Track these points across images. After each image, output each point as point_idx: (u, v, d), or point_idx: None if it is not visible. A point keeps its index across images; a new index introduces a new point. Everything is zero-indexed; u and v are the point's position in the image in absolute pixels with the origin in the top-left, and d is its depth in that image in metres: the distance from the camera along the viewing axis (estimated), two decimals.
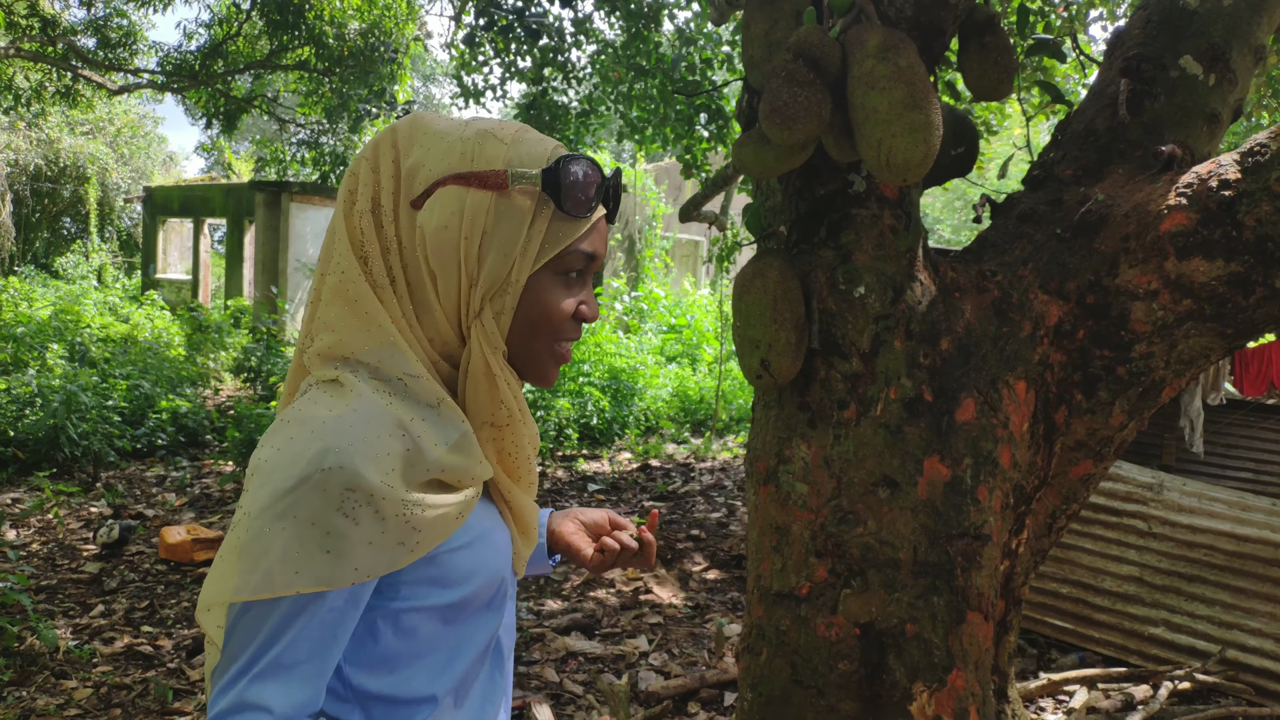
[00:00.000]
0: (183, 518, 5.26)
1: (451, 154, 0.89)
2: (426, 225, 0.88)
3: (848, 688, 2.22)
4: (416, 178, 0.89)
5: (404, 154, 0.90)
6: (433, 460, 0.84)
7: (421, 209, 0.88)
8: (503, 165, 0.88)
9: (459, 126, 0.92)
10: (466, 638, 0.93)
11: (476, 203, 0.88)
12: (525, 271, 0.89)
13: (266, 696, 0.79)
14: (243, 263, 15.44)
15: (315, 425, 0.81)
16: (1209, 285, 2.15)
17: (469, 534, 0.90)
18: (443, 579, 0.88)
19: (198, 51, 11.82)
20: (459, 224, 0.87)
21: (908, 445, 2.21)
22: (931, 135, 1.93)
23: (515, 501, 0.98)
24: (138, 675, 3.27)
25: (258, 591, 0.78)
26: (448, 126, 0.92)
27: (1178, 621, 3.72)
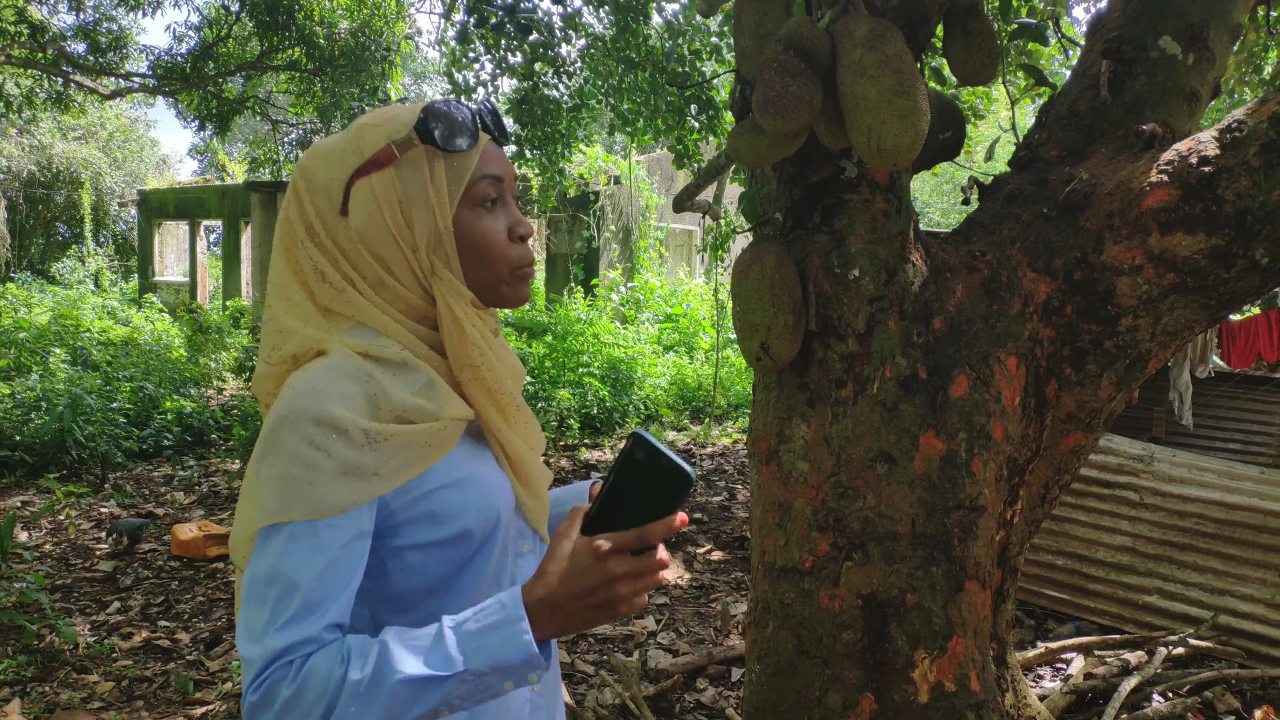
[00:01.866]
0: (192, 515, 5.33)
1: (347, 157, 1.00)
2: (356, 222, 0.99)
3: (852, 656, 2.30)
4: (331, 191, 1.00)
5: (310, 179, 1.01)
6: (397, 401, 0.94)
7: (349, 213, 0.99)
8: (385, 141, 1.00)
9: (342, 135, 1.04)
10: (472, 574, 1.00)
11: (382, 182, 0.99)
12: (448, 215, 1.00)
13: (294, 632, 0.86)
14: (240, 263, 15.48)
15: (292, 384, 0.94)
16: (1191, 259, 2.23)
17: (456, 473, 0.98)
18: (434, 515, 0.96)
19: (188, 54, 11.83)
20: (379, 206, 0.99)
21: (904, 422, 2.29)
22: (920, 121, 2.00)
23: (510, 445, 1.05)
24: (157, 668, 3.34)
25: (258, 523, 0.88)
26: (335, 139, 1.03)
27: (1171, 589, 3.81)
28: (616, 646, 3.44)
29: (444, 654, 0.85)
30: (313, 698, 0.84)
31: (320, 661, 0.85)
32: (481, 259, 1.03)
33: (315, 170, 1.01)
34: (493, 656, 0.85)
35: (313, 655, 0.85)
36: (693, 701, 3.08)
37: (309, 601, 0.86)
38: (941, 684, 2.25)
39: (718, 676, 3.26)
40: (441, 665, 0.84)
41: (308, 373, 0.94)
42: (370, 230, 0.99)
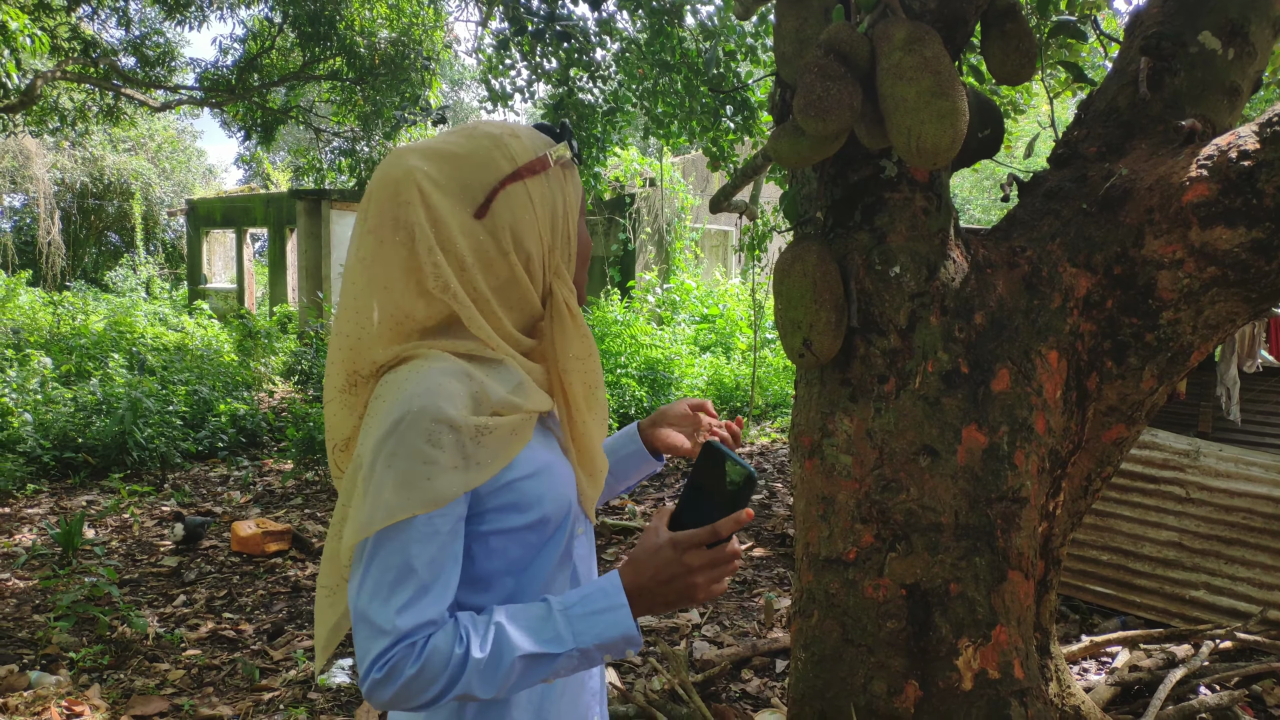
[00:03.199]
0: (249, 513, 5.50)
1: (491, 163, 1.05)
2: (499, 224, 1.04)
3: (896, 645, 2.36)
4: (473, 194, 1.03)
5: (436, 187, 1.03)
6: (495, 399, 1.01)
7: (486, 216, 1.04)
8: (539, 151, 1.08)
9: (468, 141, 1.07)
10: (546, 556, 1.09)
11: (538, 187, 1.07)
12: (575, 222, 1.11)
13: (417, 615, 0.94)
14: (286, 270, 15.80)
15: (399, 386, 0.98)
16: (1232, 252, 2.25)
17: (535, 464, 1.06)
18: (518, 504, 1.05)
19: (234, 66, 12.13)
20: (531, 209, 1.06)
21: (946, 415, 2.34)
22: (958, 121, 2.06)
23: (584, 435, 1.14)
24: (224, 657, 3.49)
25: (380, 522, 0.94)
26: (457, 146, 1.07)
27: (1218, 584, 3.80)
28: (662, 638, 3.52)
29: (555, 633, 0.96)
30: (434, 673, 0.93)
31: (440, 641, 0.94)
32: (583, 262, 1.15)
33: (447, 175, 1.04)
34: (599, 636, 0.97)
35: (433, 636, 0.94)
36: (738, 691, 3.15)
37: (425, 585, 0.95)
38: (985, 671, 2.30)
39: (762, 668, 3.32)
40: (553, 644, 0.96)
41: (418, 375, 0.98)
42: (515, 232, 1.05)
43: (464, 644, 0.95)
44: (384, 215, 1.02)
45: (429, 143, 1.07)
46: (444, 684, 0.94)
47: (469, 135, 1.08)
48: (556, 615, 0.97)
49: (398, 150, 1.07)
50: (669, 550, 0.99)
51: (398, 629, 0.93)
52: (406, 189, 1.02)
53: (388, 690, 0.93)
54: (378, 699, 0.95)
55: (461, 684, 0.94)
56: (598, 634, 0.97)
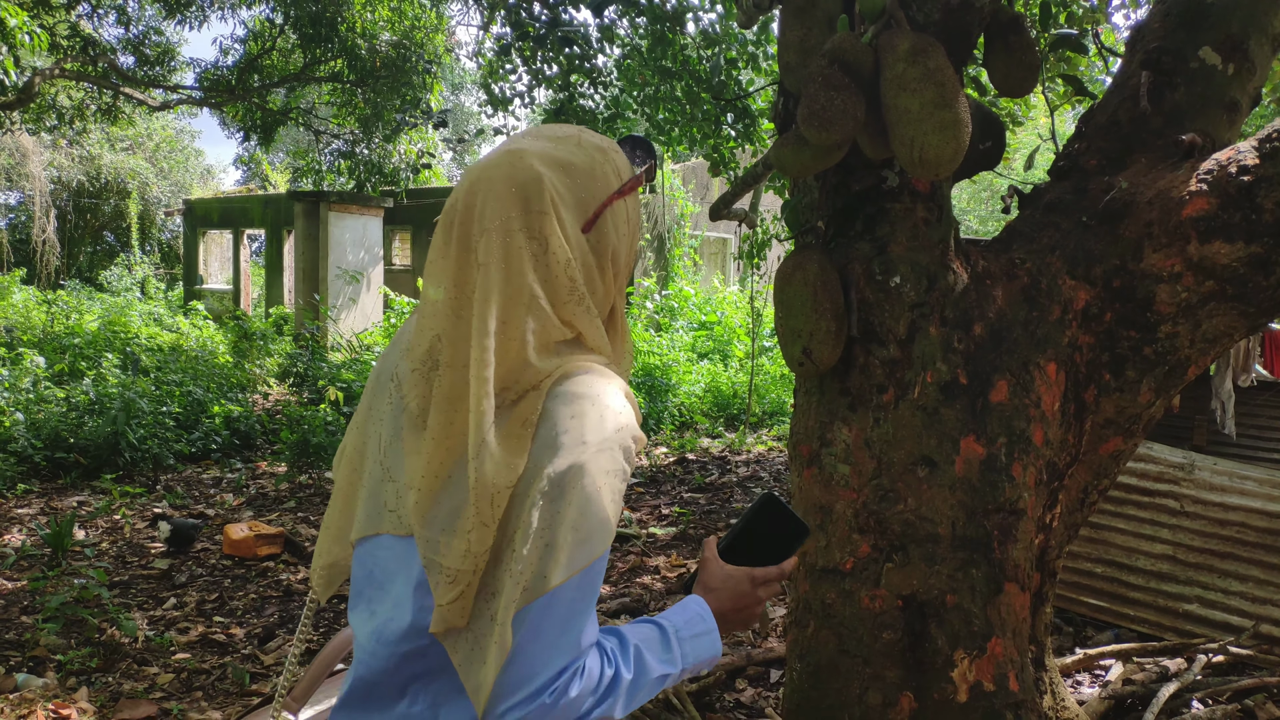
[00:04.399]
0: (242, 516, 5.48)
1: (605, 179, 1.04)
2: (602, 243, 1.04)
3: (892, 656, 2.35)
4: (587, 207, 1.02)
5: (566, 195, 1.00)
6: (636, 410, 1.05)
7: (591, 231, 1.03)
8: (629, 170, 1.08)
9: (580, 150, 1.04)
10: None
11: (633, 206, 1.10)
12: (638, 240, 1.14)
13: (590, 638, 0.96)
14: (283, 271, 15.79)
15: (596, 400, 0.95)
16: (1230, 267, 2.26)
17: None
18: None
19: (234, 67, 12.12)
20: (627, 225, 1.08)
21: (944, 426, 2.34)
22: (961, 132, 2.06)
23: None
24: (214, 661, 3.46)
25: (601, 547, 0.94)
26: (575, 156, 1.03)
27: (1211, 598, 3.80)
28: None
29: (672, 655, 1.05)
30: (586, 694, 0.94)
31: (593, 663, 0.96)
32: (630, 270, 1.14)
33: (569, 186, 1.01)
34: (699, 657, 1.08)
35: (589, 658, 0.96)
36: (732, 700, 3.14)
37: (592, 607, 0.96)
38: (980, 683, 2.29)
39: (756, 677, 3.31)
40: (671, 664, 1.05)
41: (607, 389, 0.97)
42: (617, 246, 1.05)
43: (613, 665, 0.98)
44: (510, 219, 0.96)
45: (546, 148, 1.02)
46: (595, 704, 0.96)
47: (580, 145, 1.05)
48: (673, 639, 1.06)
49: (516, 150, 1.01)
50: (747, 584, 1.12)
51: (578, 647, 0.94)
52: (538, 196, 0.98)
53: (549, 714, 0.91)
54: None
55: (608, 704, 0.97)
56: (699, 655, 1.08)
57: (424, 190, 15.08)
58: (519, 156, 0.99)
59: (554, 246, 0.97)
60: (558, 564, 0.91)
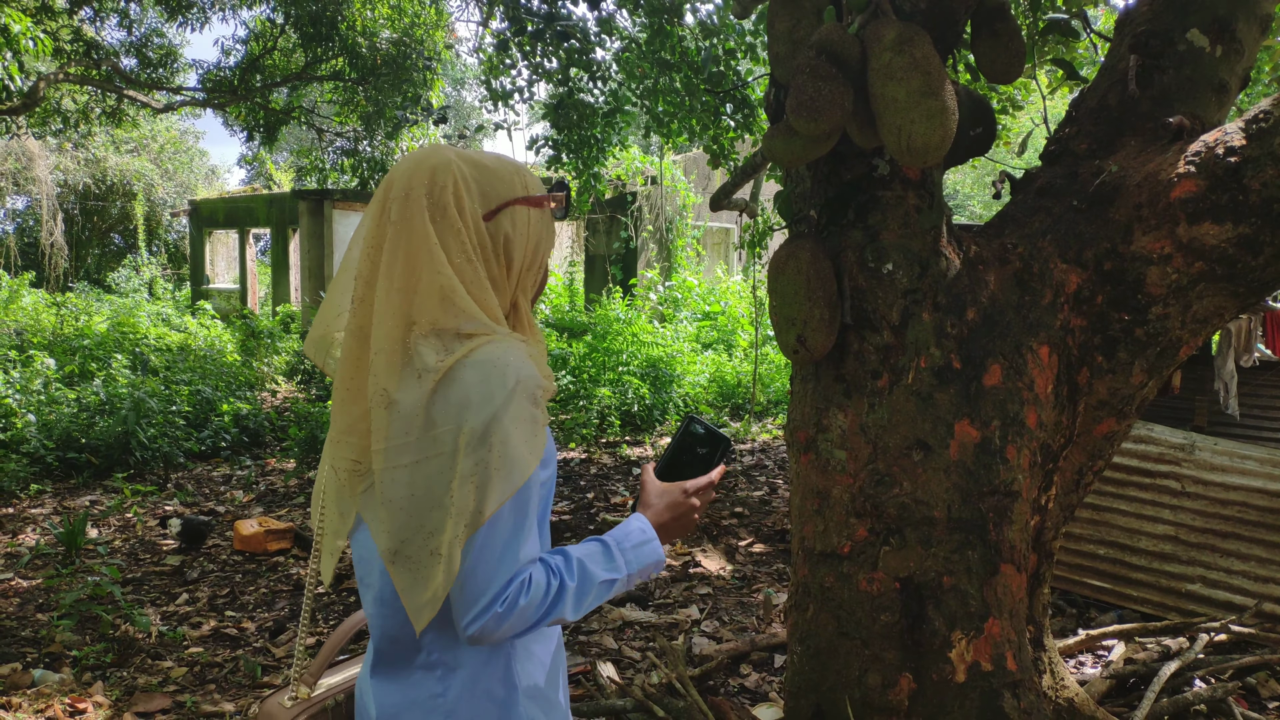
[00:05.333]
0: (252, 512, 5.53)
1: (511, 183, 1.26)
2: (498, 232, 1.24)
3: (890, 637, 2.38)
4: (490, 200, 1.23)
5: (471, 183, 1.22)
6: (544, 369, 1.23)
7: (491, 220, 1.23)
8: (540, 190, 1.30)
9: (496, 161, 1.28)
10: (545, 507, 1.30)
11: (534, 216, 1.29)
12: (548, 255, 1.34)
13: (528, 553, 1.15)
14: (289, 270, 15.86)
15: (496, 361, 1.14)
16: (1219, 248, 2.28)
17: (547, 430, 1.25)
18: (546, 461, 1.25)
19: (236, 67, 12.15)
20: (526, 230, 1.27)
21: (938, 410, 2.37)
22: (948, 120, 2.08)
23: None
24: (227, 654, 3.52)
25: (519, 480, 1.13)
26: (488, 160, 1.27)
27: (1214, 578, 3.82)
28: (662, 634, 3.55)
29: (616, 563, 1.23)
30: (537, 601, 1.13)
31: (539, 576, 1.15)
32: (541, 286, 1.37)
33: (475, 177, 1.23)
34: (643, 562, 1.26)
35: (533, 572, 1.15)
36: (736, 685, 3.18)
37: (530, 528, 1.16)
38: (978, 663, 2.33)
39: (760, 663, 3.35)
40: (615, 571, 1.23)
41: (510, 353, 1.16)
42: (509, 242, 1.25)
43: (558, 577, 1.17)
44: (416, 190, 1.18)
45: (467, 152, 1.26)
46: (545, 610, 1.15)
47: (499, 158, 1.29)
48: (614, 549, 1.24)
49: (436, 145, 1.26)
50: (680, 494, 1.32)
51: (519, 562, 1.13)
52: (444, 174, 1.20)
53: (504, 621, 1.11)
54: (492, 631, 1.11)
55: (558, 609, 1.16)
56: (642, 561, 1.25)
57: None
58: (439, 149, 1.25)
59: (450, 215, 1.18)
60: (488, 498, 1.11)
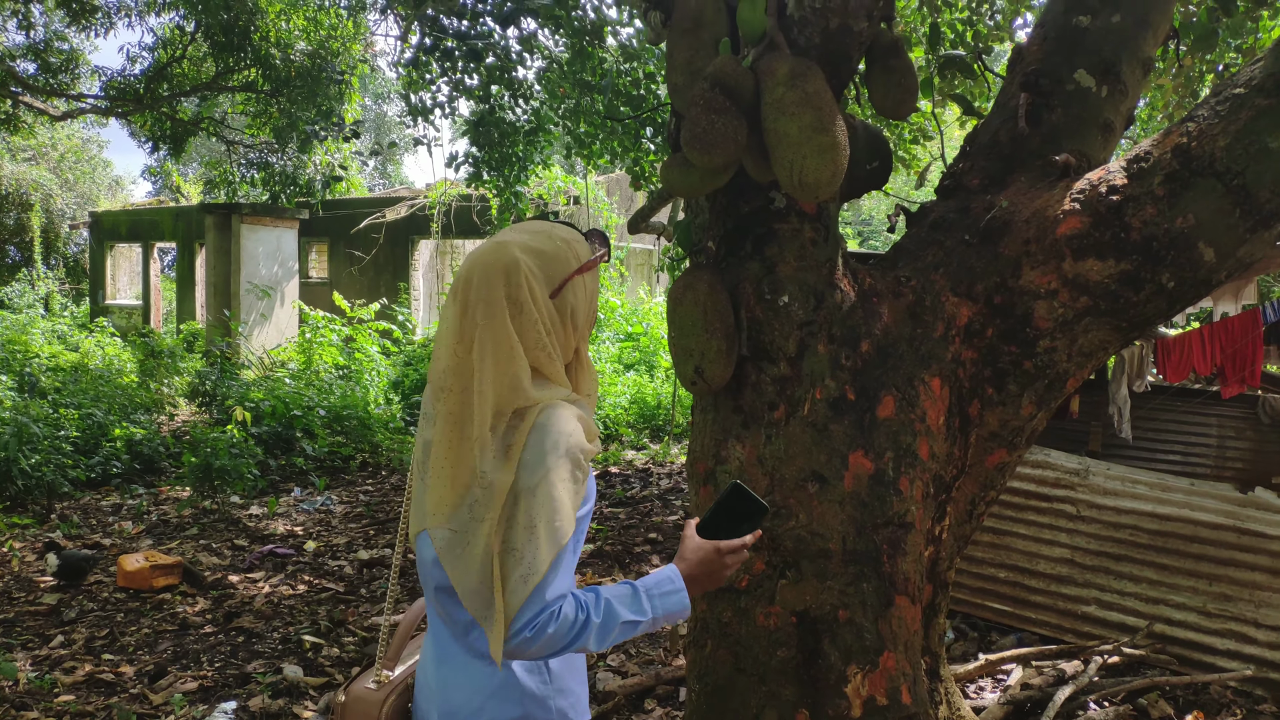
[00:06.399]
0: (140, 545, 5.26)
1: (567, 261, 1.47)
2: (564, 305, 1.46)
3: (787, 673, 2.35)
4: (554, 280, 1.45)
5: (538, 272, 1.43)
6: (589, 427, 1.45)
7: (558, 297, 1.45)
8: (589, 254, 1.52)
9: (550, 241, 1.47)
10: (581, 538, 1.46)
11: (591, 280, 1.53)
12: (596, 305, 1.55)
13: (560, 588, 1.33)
14: (195, 286, 15.30)
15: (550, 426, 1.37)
16: (1103, 283, 2.33)
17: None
18: (585, 499, 1.44)
19: (142, 75, 11.71)
20: (585, 295, 1.50)
21: (833, 442, 2.36)
22: (839, 156, 2.08)
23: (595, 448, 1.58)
24: (100, 702, 3.30)
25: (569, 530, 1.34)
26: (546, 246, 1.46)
27: (1108, 599, 3.92)
28: None
29: (641, 607, 1.39)
30: (564, 630, 1.31)
31: (569, 609, 1.32)
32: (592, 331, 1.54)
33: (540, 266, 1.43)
34: (668, 610, 1.41)
35: (564, 604, 1.32)
36: None
37: (567, 567, 1.34)
38: (874, 698, 2.31)
39: (665, 697, 3.30)
40: (640, 614, 1.39)
41: (559, 420, 1.38)
42: (576, 307, 1.47)
43: (585, 612, 1.34)
44: (496, 290, 1.39)
45: (524, 239, 1.45)
46: (570, 639, 1.32)
47: (550, 237, 1.48)
48: (642, 595, 1.40)
49: (503, 242, 1.44)
50: (714, 553, 1.46)
51: (545, 600, 1.30)
52: (516, 275, 1.40)
53: (532, 645, 1.30)
54: (522, 652, 1.31)
55: (582, 639, 1.33)
56: (667, 609, 1.41)
57: (341, 201, 14.79)
58: (504, 246, 1.43)
59: (526, 310, 1.40)
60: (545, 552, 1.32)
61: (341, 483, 7.04)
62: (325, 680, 3.50)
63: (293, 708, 3.27)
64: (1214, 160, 2.14)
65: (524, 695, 1.44)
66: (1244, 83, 2.17)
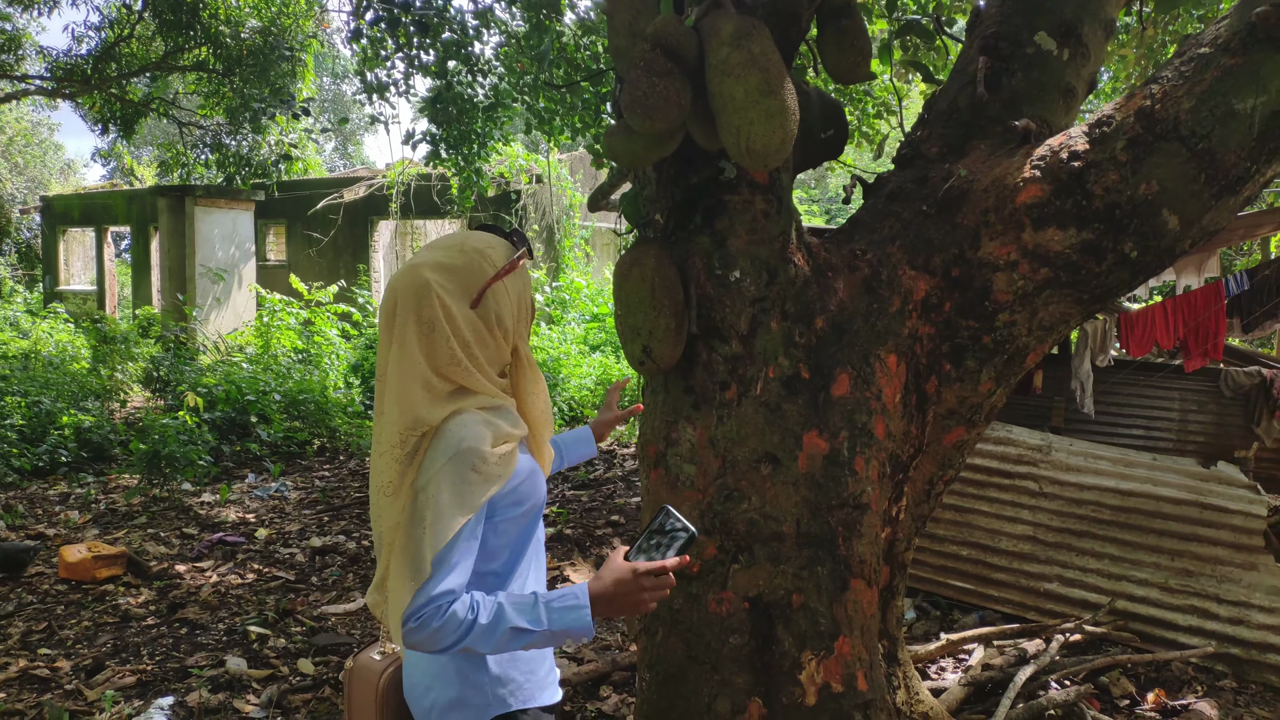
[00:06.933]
0: (85, 535, 5.08)
1: (481, 270, 1.49)
2: (487, 312, 1.49)
3: (740, 661, 2.27)
4: (470, 291, 1.48)
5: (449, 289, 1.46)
6: (504, 432, 1.47)
7: (480, 306, 1.48)
8: (506, 257, 1.54)
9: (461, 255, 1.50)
10: (527, 534, 1.57)
11: (511, 283, 1.53)
12: (529, 299, 1.60)
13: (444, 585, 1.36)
14: (150, 270, 14.93)
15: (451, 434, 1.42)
16: (1064, 254, 2.25)
17: (524, 471, 1.53)
18: (518, 500, 1.51)
19: (89, 55, 11.34)
20: (508, 299, 1.52)
21: (787, 422, 2.27)
22: (788, 120, 1.98)
23: (541, 443, 1.64)
24: (31, 699, 3.16)
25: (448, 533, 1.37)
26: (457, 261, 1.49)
27: (1070, 576, 3.89)
28: None
29: (536, 617, 1.40)
30: (451, 628, 1.35)
31: (458, 608, 1.36)
32: (530, 326, 1.61)
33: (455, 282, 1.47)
34: (566, 626, 1.40)
35: (454, 603, 1.36)
36: (594, 710, 3.03)
37: (455, 566, 1.38)
38: (829, 685, 2.24)
39: (622, 683, 3.21)
40: (534, 624, 1.39)
41: (460, 428, 1.42)
42: (500, 314, 1.50)
43: (474, 613, 1.37)
44: (408, 314, 1.44)
45: (434, 258, 1.49)
46: (456, 637, 1.36)
47: (462, 250, 1.51)
48: (540, 605, 1.41)
49: (413, 265, 1.48)
50: (630, 575, 1.43)
51: (428, 594, 1.35)
52: (427, 295, 1.44)
53: (418, 635, 1.36)
54: (411, 640, 1.36)
55: (468, 639, 1.37)
56: (565, 624, 1.41)
57: (299, 182, 14.47)
58: (415, 269, 1.48)
59: (439, 328, 1.44)
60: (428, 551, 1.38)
61: (298, 468, 6.87)
62: (269, 673, 3.38)
63: (233, 702, 3.14)
64: (1178, 123, 2.06)
65: (460, 680, 1.51)
66: (1209, 41, 2.09)
